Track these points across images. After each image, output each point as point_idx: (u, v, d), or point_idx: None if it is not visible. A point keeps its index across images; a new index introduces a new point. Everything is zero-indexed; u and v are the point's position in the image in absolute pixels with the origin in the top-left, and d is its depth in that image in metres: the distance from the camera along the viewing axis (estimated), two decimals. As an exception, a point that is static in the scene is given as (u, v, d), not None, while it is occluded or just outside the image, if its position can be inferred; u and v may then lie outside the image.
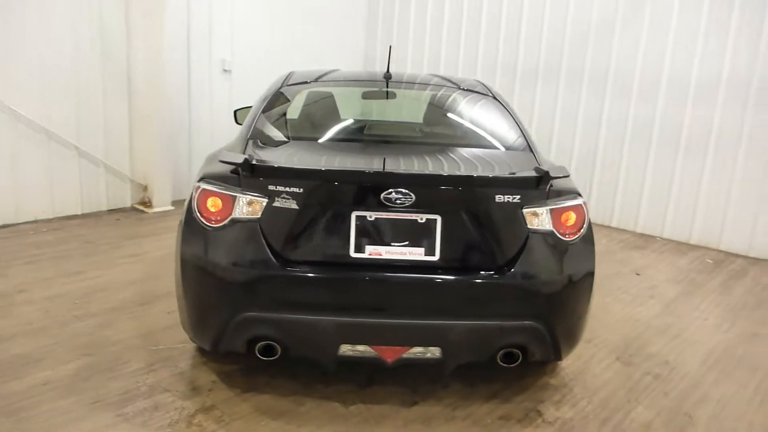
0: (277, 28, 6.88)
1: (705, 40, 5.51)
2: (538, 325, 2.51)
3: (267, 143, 2.90)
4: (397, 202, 2.40)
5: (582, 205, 2.64)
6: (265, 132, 2.99)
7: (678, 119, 5.76)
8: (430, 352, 2.53)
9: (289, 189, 2.41)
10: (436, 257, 2.47)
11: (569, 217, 2.58)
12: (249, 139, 2.87)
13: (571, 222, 2.59)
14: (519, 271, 2.48)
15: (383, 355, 2.52)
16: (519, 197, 2.48)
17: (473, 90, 3.56)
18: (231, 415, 2.58)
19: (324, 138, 3.17)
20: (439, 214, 2.46)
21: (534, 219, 2.52)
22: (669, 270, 4.99)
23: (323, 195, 2.46)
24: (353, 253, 2.45)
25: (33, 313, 3.47)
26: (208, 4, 6.17)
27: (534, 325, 2.50)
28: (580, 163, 6.46)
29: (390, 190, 2.39)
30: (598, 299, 3.55)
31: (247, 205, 2.45)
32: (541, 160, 2.90)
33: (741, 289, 4.62)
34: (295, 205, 2.41)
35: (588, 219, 2.68)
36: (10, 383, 2.73)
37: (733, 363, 3.36)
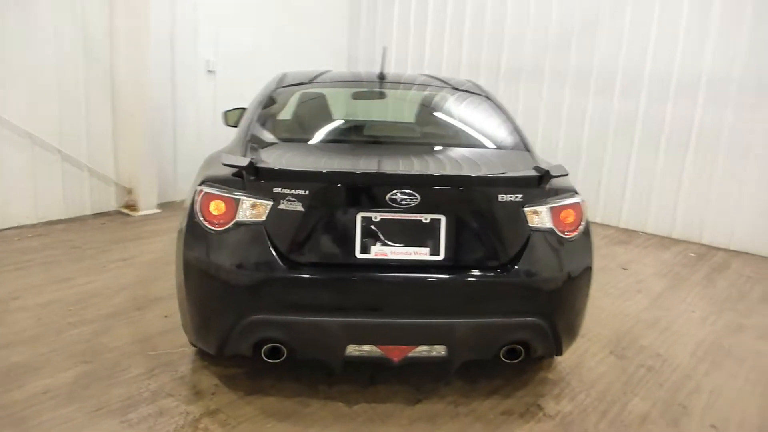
0: (261, 29, 6.84)
1: (685, 39, 5.65)
2: (541, 321, 2.55)
3: (267, 145, 2.88)
4: (403, 202, 2.41)
5: (580, 202, 2.70)
6: (264, 134, 2.98)
7: (659, 117, 5.89)
8: (436, 351, 2.56)
9: (295, 191, 2.41)
10: (441, 257, 2.50)
11: (568, 215, 2.63)
12: (248, 142, 2.85)
13: (570, 219, 2.64)
14: (522, 268, 2.52)
15: (390, 355, 2.54)
16: (521, 196, 2.53)
17: (470, 91, 3.61)
18: (236, 418, 2.57)
19: (324, 139, 3.17)
20: (444, 214, 2.48)
21: (534, 217, 2.56)
22: (654, 264, 5.10)
23: (329, 197, 2.46)
24: (359, 254, 2.46)
25: (27, 320, 3.41)
26: (193, 5, 6.11)
27: (537, 321, 2.55)
28: (565, 161, 6.48)
29: (395, 191, 2.40)
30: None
31: (252, 208, 2.44)
32: (538, 159, 2.95)
33: (724, 281, 4.75)
34: (300, 208, 2.42)
35: (586, 216, 2.74)
36: (11, 392, 2.68)
37: (721, 354, 3.46)
